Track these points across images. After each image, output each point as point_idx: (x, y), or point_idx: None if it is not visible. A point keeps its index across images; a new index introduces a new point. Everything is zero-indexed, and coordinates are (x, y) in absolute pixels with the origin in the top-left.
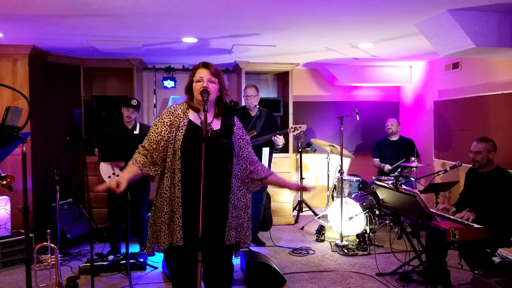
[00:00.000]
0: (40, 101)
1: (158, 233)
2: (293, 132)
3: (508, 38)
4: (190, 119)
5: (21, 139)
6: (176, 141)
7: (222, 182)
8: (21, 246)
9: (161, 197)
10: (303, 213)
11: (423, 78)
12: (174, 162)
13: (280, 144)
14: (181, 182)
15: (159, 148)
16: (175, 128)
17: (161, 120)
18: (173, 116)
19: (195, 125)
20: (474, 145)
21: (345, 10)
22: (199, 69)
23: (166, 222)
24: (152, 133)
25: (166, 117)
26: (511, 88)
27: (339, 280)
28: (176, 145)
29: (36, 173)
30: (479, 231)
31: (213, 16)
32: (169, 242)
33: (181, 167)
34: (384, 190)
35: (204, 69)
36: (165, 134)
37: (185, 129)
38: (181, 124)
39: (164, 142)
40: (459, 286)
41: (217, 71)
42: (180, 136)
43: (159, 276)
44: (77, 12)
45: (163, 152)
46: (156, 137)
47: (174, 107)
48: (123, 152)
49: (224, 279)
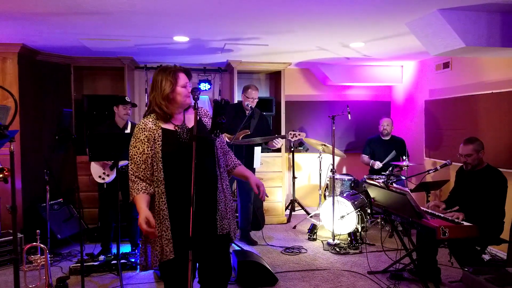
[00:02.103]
0: (30, 100)
1: (147, 251)
2: (291, 138)
3: (497, 38)
4: (163, 128)
5: (7, 137)
6: (156, 154)
7: (209, 174)
8: (10, 247)
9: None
10: (296, 212)
11: (414, 77)
12: (157, 174)
13: (279, 146)
14: (165, 193)
15: (148, 166)
16: (152, 142)
17: (138, 139)
18: (146, 131)
19: (170, 131)
20: (462, 148)
21: (336, 9)
22: (182, 74)
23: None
24: (135, 156)
25: (141, 135)
26: (501, 87)
27: (331, 279)
28: (157, 157)
29: (26, 173)
30: (468, 229)
31: (204, 14)
32: (159, 259)
33: (164, 177)
34: (375, 188)
35: (186, 76)
36: (148, 150)
37: (161, 140)
38: (156, 136)
39: (150, 158)
40: (449, 284)
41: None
42: (159, 148)
43: (150, 276)
44: (67, 10)
45: (151, 169)
46: (141, 157)
47: (144, 122)
48: (113, 151)
49: (222, 273)
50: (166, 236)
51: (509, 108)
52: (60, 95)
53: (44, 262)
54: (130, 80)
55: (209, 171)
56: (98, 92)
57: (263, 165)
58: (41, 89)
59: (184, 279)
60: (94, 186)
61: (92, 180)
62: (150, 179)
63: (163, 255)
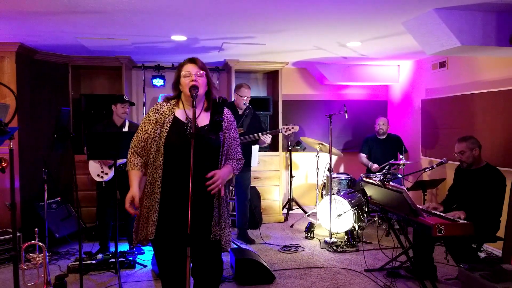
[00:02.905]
0: (28, 99)
1: (138, 226)
2: (285, 132)
3: (492, 37)
4: (176, 116)
5: (8, 133)
6: (161, 138)
7: (206, 178)
8: (9, 245)
9: (143, 192)
10: (293, 211)
11: (411, 77)
12: (157, 158)
13: (268, 142)
14: (162, 178)
15: (146, 146)
16: (159, 125)
17: (148, 118)
18: (158, 113)
19: (180, 121)
20: (456, 146)
21: (333, 9)
22: (186, 65)
23: (145, 216)
24: (140, 131)
25: (152, 115)
26: (497, 86)
27: (328, 276)
28: (160, 142)
29: (24, 172)
30: (464, 226)
31: (202, 14)
32: (144, 235)
33: (163, 163)
34: (371, 186)
35: (191, 64)
36: (151, 131)
37: (169, 126)
38: (166, 121)
39: (151, 139)
40: (445, 281)
41: (203, 64)
42: (164, 133)
43: (149, 274)
44: (65, 9)
45: (150, 149)
46: (143, 135)
47: (161, 104)
48: (111, 150)
49: (212, 274)
50: (153, 218)
51: (504, 107)
52: (58, 94)
53: (42, 260)
54: (127, 79)
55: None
56: (95, 91)
57: (260, 164)
58: (39, 88)
59: (178, 268)
60: (92, 185)
61: (90, 179)
62: (146, 158)
63: (148, 233)
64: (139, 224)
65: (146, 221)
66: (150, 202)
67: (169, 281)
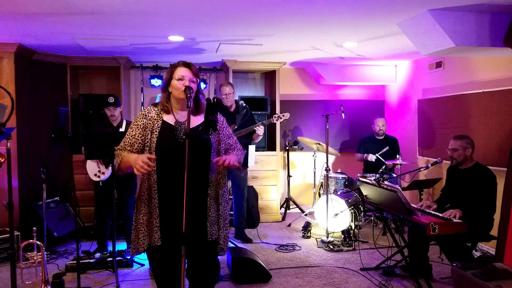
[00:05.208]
0: (27, 100)
1: (138, 235)
2: (276, 120)
3: (486, 38)
4: (164, 120)
5: (4, 134)
6: (151, 144)
7: (200, 178)
8: (6, 245)
9: (140, 199)
10: (290, 211)
11: (408, 77)
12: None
13: (261, 134)
14: (157, 183)
15: (132, 150)
16: (149, 131)
17: (136, 123)
18: (146, 119)
19: (169, 125)
20: (451, 143)
21: (329, 9)
22: (180, 68)
23: (145, 223)
24: (127, 136)
25: (140, 120)
26: (492, 86)
27: (324, 275)
28: (151, 148)
29: (22, 172)
30: (457, 225)
31: (199, 15)
32: (148, 243)
33: (156, 168)
34: (367, 186)
35: (186, 68)
36: (139, 137)
37: (158, 131)
38: (155, 127)
39: (137, 144)
40: (440, 280)
41: (197, 71)
42: (154, 139)
43: (146, 273)
44: (63, 9)
45: (136, 153)
46: (130, 139)
47: (148, 109)
48: (109, 149)
49: (208, 275)
50: (156, 223)
51: (499, 107)
52: (56, 94)
53: (40, 259)
54: (125, 79)
55: (200, 176)
56: (94, 91)
57: (258, 163)
58: (37, 88)
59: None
60: (90, 185)
61: (88, 178)
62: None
63: (152, 240)
64: (139, 232)
65: (148, 228)
66: (149, 208)
67: (163, 283)
